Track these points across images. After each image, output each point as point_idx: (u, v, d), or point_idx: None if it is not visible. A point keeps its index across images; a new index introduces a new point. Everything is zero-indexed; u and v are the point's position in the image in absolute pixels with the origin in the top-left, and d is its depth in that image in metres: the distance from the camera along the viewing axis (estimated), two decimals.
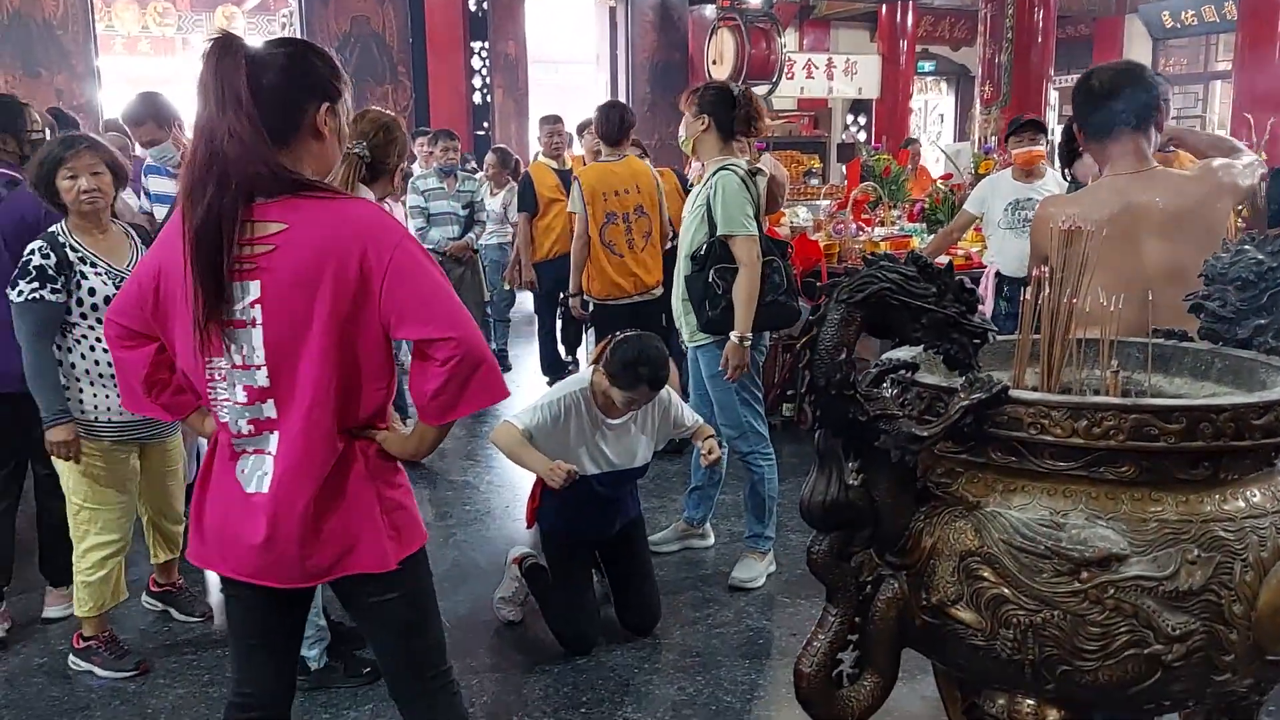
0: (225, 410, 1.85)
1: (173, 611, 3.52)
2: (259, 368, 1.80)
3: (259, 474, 1.86)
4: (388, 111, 3.16)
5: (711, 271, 3.51)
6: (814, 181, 8.39)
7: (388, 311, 1.78)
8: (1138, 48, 15.54)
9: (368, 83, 10.92)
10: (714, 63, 11.15)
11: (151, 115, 3.91)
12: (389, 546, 1.90)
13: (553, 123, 6.64)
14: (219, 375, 1.84)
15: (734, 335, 3.50)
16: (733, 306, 3.49)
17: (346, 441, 1.86)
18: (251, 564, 1.88)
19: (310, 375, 1.79)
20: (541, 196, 6.18)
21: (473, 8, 11.44)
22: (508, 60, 12.43)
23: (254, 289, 1.77)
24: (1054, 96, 11.08)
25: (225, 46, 1.75)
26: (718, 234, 3.50)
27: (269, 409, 1.83)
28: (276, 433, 1.84)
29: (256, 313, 1.78)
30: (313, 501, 1.84)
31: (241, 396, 1.83)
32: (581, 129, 6.60)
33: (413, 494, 2.00)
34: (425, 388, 1.81)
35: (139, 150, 4.34)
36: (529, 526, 3.59)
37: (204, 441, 2.15)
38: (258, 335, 1.79)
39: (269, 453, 1.85)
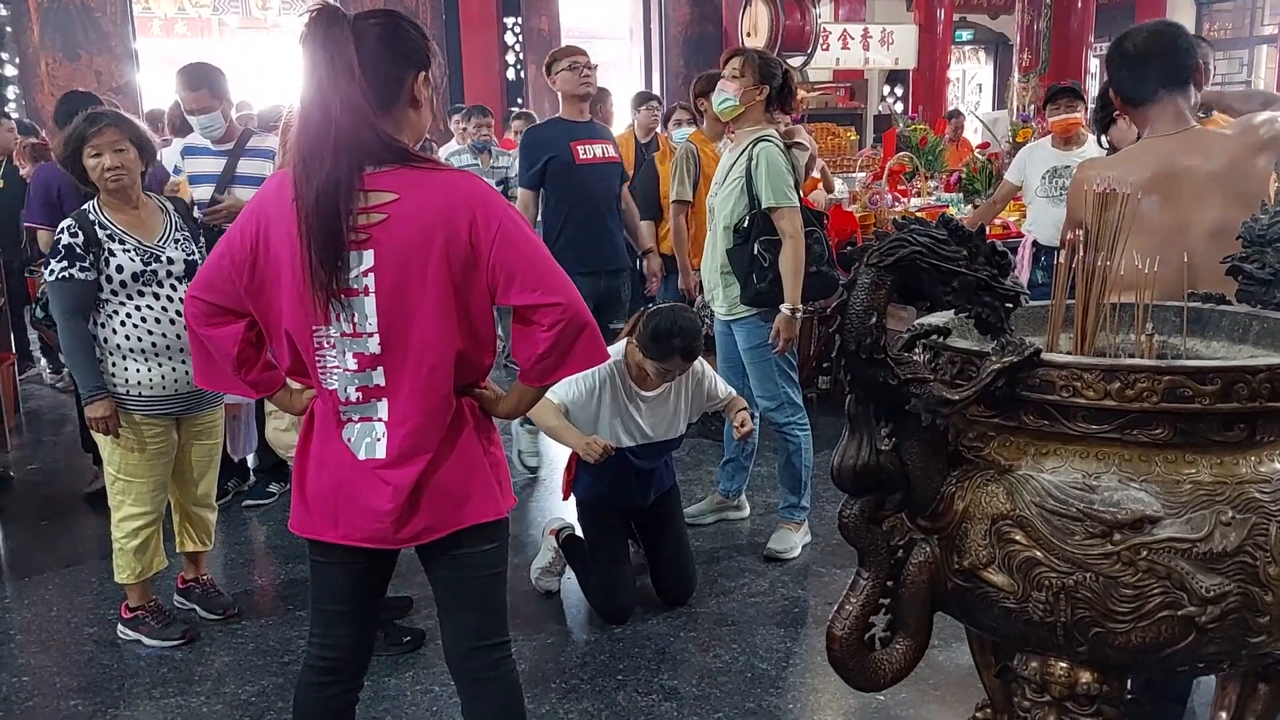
0: (334, 377, 1.90)
1: (198, 610, 3.40)
2: (370, 335, 1.86)
3: (368, 440, 1.92)
4: None
5: (756, 244, 3.51)
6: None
7: (495, 278, 1.84)
8: (1181, 13, 15.17)
9: None
10: (748, 35, 11.05)
11: (208, 84, 3.95)
12: (498, 498, 2.00)
13: (645, 100, 6.43)
14: (328, 343, 1.89)
15: (785, 307, 3.50)
16: (779, 279, 3.49)
17: (457, 401, 1.93)
18: (368, 528, 1.94)
19: (427, 341, 1.86)
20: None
21: None
22: (541, 36, 12.40)
23: (368, 258, 1.82)
24: (1094, 63, 10.88)
25: (332, 18, 1.78)
26: (763, 206, 3.50)
27: (379, 376, 1.89)
28: (386, 400, 1.90)
29: (370, 281, 1.83)
30: (432, 461, 1.91)
31: (352, 364, 1.88)
32: (641, 102, 6.48)
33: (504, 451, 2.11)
34: (531, 351, 1.88)
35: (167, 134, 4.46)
36: (565, 498, 3.62)
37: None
38: (370, 304, 1.84)
39: (378, 419, 1.91)
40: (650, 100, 6.46)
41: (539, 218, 4.55)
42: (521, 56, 11.65)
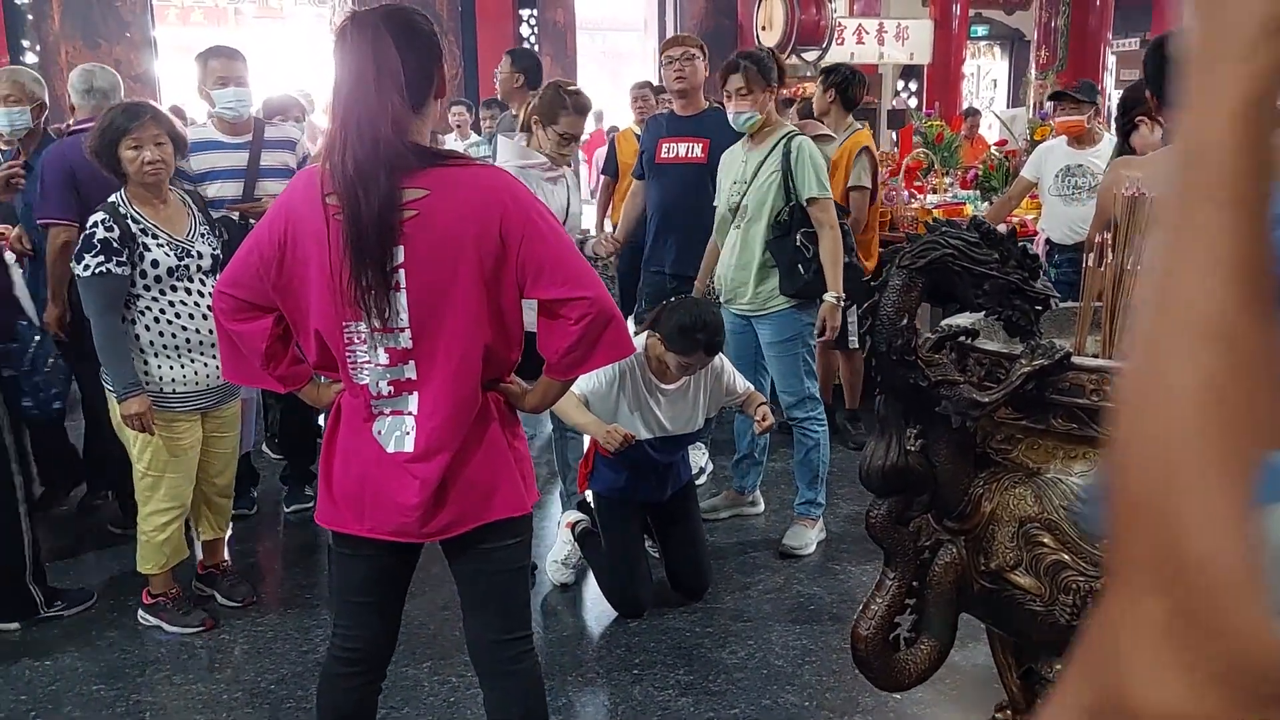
0: (365, 372, 1.92)
1: (217, 596, 3.42)
2: (402, 330, 1.88)
3: (398, 434, 1.94)
4: None
5: (799, 235, 3.56)
6: None
7: (524, 272, 1.86)
8: None
9: None
10: (763, 29, 11.02)
11: (246, 60, 3.90)
12: (523, 494, 2.02)
13: (641, 88, 6.36)
14: (359, 338, 1.90)
15: (830, 296, 3.58)
16: (821, 269, 3.55)
17: (483, 396, 1.95)
18: (394, 522, 1.96)
19: (458, 335, 1.88)
20: (623, 164, 5.78)
21: None
22: (556, 28, 12.40)
23: (399, 254, 1.84)
24: (1111, 60, 10.84)
25: (371, 26, 1.81)
26: (805, 197, 3.56)
27: (410, 370, 1.91)
28: (416, 393, 1.92)
29: (400, 276, 1.84)
30: (458, 455, 1.93)
31: (383, 359, 1.90)
32: (638, 91, 6.41)
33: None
34: (558, 345, 1.90)
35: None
36: (581, 490, 3.64)
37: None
38: (402, 299, 1.86)
39: (408, 412, 1.93)
40: (645, 88, 6.40)
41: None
42: (537, 48, 11.64)
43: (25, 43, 8.55)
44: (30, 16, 8.70)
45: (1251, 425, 0.47)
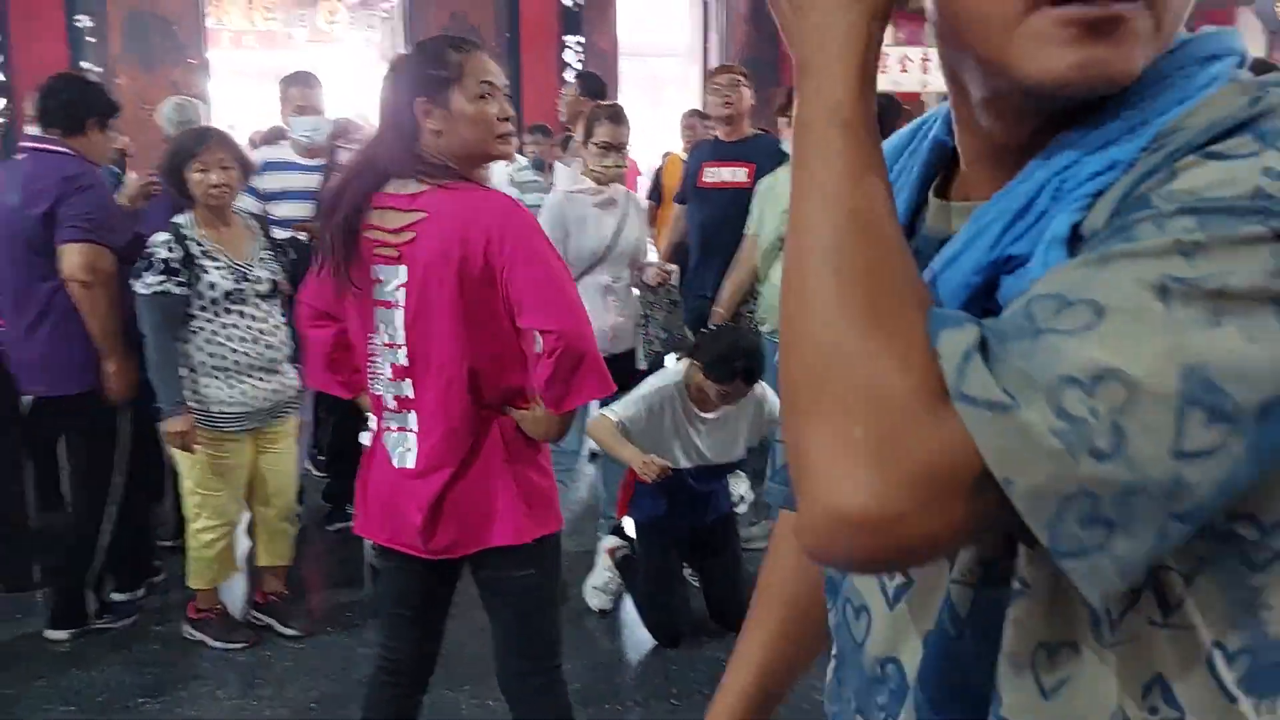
0: (379, 384, 2.00)
1: (274, 624, 3.37)
2: (400, 347, 1.95)
3: (401, 449, 2.00)
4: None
5: None
6: None
7: (510, 299, 1.90)
8: (1251, 42, 14.87)
9: None
10: None
11: (320, 87, 4.01)
12: (524, 523, 2.00)
13: (690, 116, 6.30)
14: (376, 352, 1.99)
15: None
16: None
17: (486, 419, 1.97)
18: (404, 535, 2.02)
19: (445, 357, 1.92)
20: (668, 188, 5.66)
21: (567, 2, 11.55)
22: (600, 54, 12.50)
23: (401, 273, 1.91)
24: None
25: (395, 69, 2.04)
26: None
27: (408, 388, 1.97)
28: (414, 411, 1.97)
29: (400, 295, 1.92)
30: (454, 476, 1.96)
31: (388, 373, 1.97)
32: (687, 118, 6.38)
33: (553, 477, 2.09)
34: (539, 377, 1.93)
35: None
36: (620, 517, 3.65)
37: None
38: (400, 316, 1.93)
39: (410, 430, 1.99)
40: (694, 116, 6.34)
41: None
42: (575, 75, 11.73)
43: (85, 64, 8.77)
44: (91, 39, 8.93)
45: (892, 289, 0.58)
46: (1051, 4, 0.57)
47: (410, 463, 1.98)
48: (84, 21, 8.85)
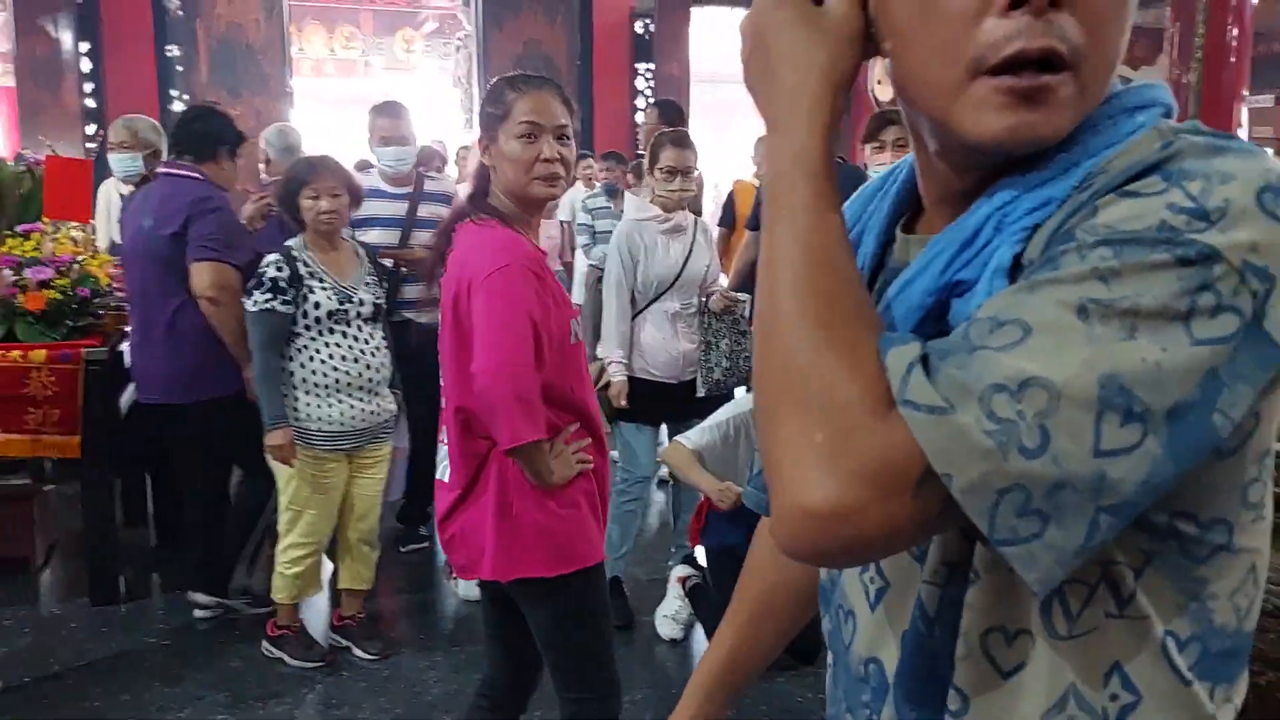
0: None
1: (352, 647, 3.40)
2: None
3: (443, 464, 2.09)
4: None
5: None
6: None
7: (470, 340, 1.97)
8: None
9: None
10: (879, 82, 10.99)
11: (408, 117, 4.09)
12: (506, 562, 1.99)
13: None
14: None
15: None
16: None
17: (487, 451, 2.01)
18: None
19: (447, 382, 2.04)
20: (740, 215, 5.68)
21: (639, 30, 11.65)
22: (671, 81, 12.57)
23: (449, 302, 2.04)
24: (1244, 116, 10.44)
25: None
26: None
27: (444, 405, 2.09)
28: (446, 428, 2.08)
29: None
30: (461, 499, 2.04)
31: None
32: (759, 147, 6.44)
33: (572, 519, 2.03)
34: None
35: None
36: (692, 545, 3.63)
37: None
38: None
39: (444, 443, 2.10)
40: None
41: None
42: (652, 102, 11.81)
43: (174, 92, 9.08)
44: (180, 69, 9.24)
45: (847, 312, 0.65)
46: (989, 74, 0.65)
47: (445, 476, 2.09)
48: (174, 51, 9.17)
